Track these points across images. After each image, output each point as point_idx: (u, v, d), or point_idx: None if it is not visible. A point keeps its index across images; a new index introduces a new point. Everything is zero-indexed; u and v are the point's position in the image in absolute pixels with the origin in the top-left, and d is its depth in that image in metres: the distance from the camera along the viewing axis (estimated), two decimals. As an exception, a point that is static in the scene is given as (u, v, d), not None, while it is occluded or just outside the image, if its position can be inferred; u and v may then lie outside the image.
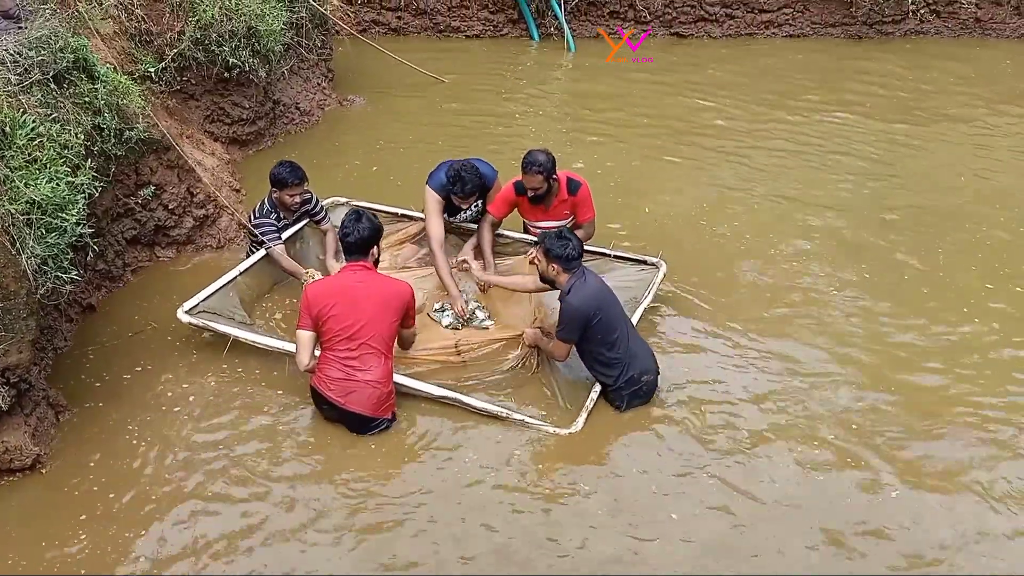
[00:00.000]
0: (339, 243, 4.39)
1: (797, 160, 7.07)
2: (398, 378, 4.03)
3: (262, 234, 4.82)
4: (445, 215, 4.94)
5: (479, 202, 4.99)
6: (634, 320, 4.42)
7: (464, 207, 4.90)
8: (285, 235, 4.93)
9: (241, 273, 4.70)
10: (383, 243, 5.14)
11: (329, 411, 3.96)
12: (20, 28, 4.15)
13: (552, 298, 4.46)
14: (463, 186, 4.64)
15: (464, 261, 4.93)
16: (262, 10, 6.10)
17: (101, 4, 5.23)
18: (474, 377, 4.34)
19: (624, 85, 8.61)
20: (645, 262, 5.00)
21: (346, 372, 3.85)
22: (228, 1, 5.84)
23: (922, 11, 10.26)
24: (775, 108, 8.13)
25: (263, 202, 4.95)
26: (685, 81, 8.80)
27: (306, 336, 3.89)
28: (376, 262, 4.07)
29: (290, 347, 4.09)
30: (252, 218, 4.96)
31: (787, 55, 9.68)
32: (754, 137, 7.48)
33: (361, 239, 3.94)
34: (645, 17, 10.09)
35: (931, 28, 10.37)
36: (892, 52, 9.84)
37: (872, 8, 10.16)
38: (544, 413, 4.17)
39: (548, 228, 4.72)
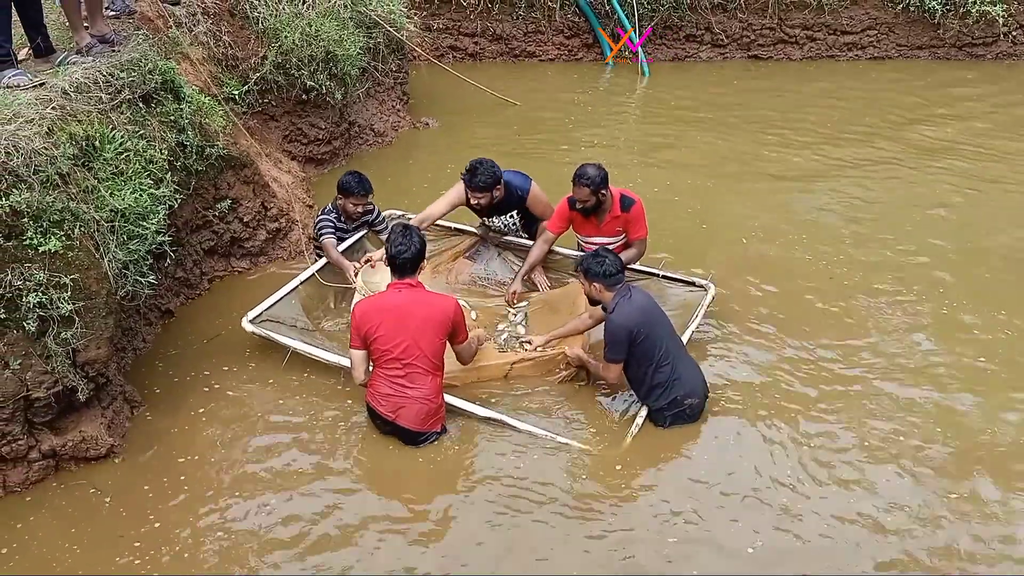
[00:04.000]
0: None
1: (890, 190, 6.85)
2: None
3: (320, 230, 5.12)
4: (484, 217, 5.21)
5: (515, 213, 5.13)
6: (684, 341, 4.37)
7: (474, 202, 4.93)
8: (343, 245, 5.13)
9: (302, 282, 4.90)
10: (438, 258, 5.32)
11: (383, 425, 4.09)
12: (114, 51, 4.51)
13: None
14: (472, 176, 4.80)
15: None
16: (340, 36, 6.43)
17: (191, 31, 5.63)
18: (522, 390, 4.39)
19: (700, 110, 8.58)
20: (694, 283, 4.95)
21: (395, 389, 3.96)
22: (308, 27, 6.19)
23: (1015, 32, 9.87)
24: (861, 133, 7.96)
25: (327, 206, 5.27)
26: (762, 104, 8.71)
27: (358, 355, 4.03)
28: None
29: (344, 361, 4.25)
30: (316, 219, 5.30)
31: (872, 78, 9.49)
32: (835, 165, 7.32)
33: (414, 255, 4.01)
34: (722, 40, 10.05)
35: (1026, 50, 9.96)
36: (983, 76, 9.48)
37: (961, 30, 9.84)
38: (594, 431, 4.19)
39: (599, 244, 4.74)
